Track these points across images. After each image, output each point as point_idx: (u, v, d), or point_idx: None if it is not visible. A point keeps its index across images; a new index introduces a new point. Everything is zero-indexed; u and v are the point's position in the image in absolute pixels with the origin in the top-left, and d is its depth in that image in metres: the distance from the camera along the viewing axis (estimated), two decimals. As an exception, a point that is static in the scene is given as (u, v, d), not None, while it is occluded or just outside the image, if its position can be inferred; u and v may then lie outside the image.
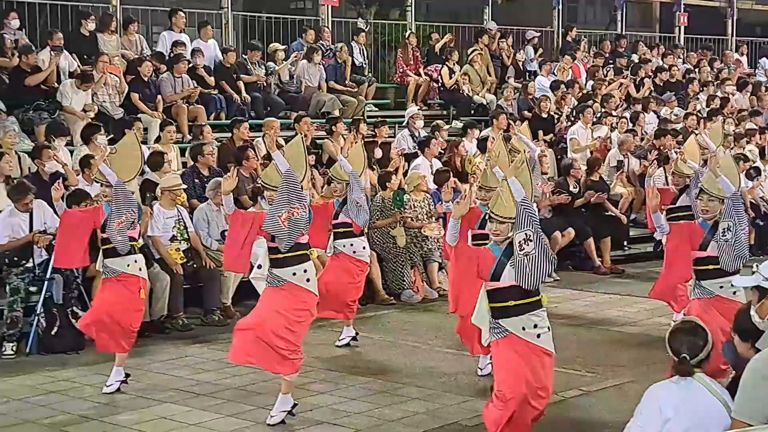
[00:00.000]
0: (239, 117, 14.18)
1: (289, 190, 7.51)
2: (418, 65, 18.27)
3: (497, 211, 6.53)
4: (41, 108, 12.89)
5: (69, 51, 13.62)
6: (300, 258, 7.68)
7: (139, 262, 8.57)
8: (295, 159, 7.77)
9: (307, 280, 7.69)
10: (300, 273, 7.67)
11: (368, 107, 17.05)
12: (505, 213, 6.49)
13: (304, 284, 7.68)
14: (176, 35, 15.43)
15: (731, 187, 7.86)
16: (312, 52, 16.22)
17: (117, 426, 7.62)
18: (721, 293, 7.70)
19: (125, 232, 8.34)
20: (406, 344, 10.24)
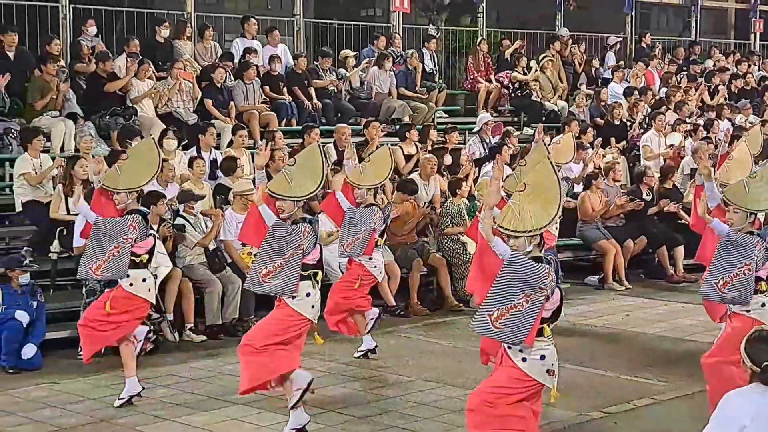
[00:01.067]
0: (310, 123, 14.26)
1: (273, 243, 7.41)
2: (489, 72, 18.22)
3: (507, 225, 6.18)
4: (117, 113, 13.11)
5: (144, 57, 13.82)
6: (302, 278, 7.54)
7: (131, 278, 8.26)
8: (311, 169, 7.64)
9: (292, 297, 7.49)
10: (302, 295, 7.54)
11: (438, 113, 17.04)
12: (517, 227, 6.15)
13: (289, 301, 7.51)
14: (248, 42, 15.59)
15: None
16: (383, 58, 16.27)
17: (190, 427, 7.71)
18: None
19: (119, 261, 8.13)
20: (475, 350, 10.18)
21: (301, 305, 7.50)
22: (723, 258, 7.20)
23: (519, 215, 6.11)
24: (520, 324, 6.03)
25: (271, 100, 14.83)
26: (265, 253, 7.46)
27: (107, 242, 8.14)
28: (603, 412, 8.12)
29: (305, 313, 7.52)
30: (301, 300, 7.49)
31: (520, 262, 6.01)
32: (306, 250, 7.47)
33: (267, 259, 7.44)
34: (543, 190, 6.20)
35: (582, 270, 14.07)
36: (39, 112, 12.65)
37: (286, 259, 7.37)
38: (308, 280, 7.54)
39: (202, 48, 15.12)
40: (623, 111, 17.11)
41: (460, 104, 18.62)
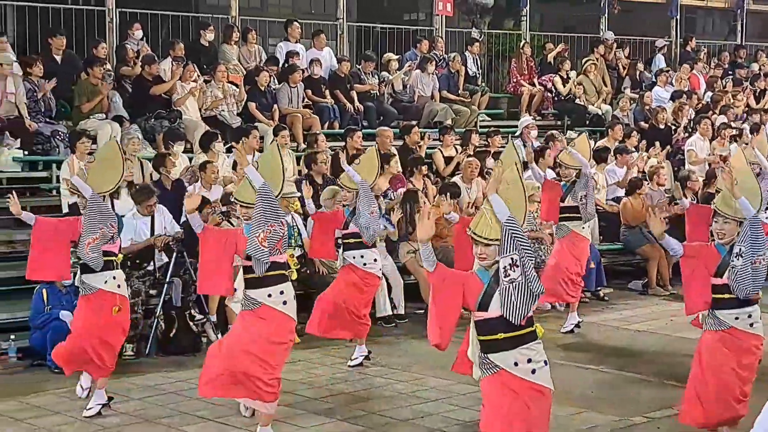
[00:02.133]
0: (352, 126, 14.32)
1: (265, 208, 7.10)
2: (532, 75, 18.17)
3: (480, 232, 5.76)
4: (162, 116, 13.23)
5: (189, 61, 13.93)
6: (276, 278, 7.22)
7: (118, 279, 8.16)
8: (271, 170, 7.36)
9: (283, 302, 7.23)
10: (276, 295, 7.21)
11: (481, 117, 17.02)
12: (489, 234, 5.72)
13: (280, 307, 7.22)
14: (292, 45, 15.67)
15: (750, 209, 6.99)
16: (425, 61, 16.28)
17: (233, 427, 7.76)
18: (737, 325, 6.96)
19: (99, 249, 7.92)
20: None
21: (291, 308, 7.30)
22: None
23: (492, 223, 5.74)
24: None
25: (314, 103, 14.90)
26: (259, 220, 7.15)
27: (99, 221, 7.93)
28: (646, 417, 8.07)
29: (294, 316, 7.36)
30: (290, 303, 7.29)
31: (515, 228, 5.65)
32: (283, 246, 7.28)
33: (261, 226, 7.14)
34: (511, 198, 5.85)
35: (625, 275, 13.98)
36: (85, 115, 12.81)
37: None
38: (288, 280, 7.37)
39: (246, 51, 15.22)
40: (667, 115, 16.99)
41: (503, 108, 18.59)
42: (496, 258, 5.66)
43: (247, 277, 7.22)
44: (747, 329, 6.95)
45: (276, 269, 7.18)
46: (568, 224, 11.03)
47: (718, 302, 6.99)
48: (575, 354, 10.25)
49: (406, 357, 9.97)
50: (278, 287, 7.20)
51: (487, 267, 5.75)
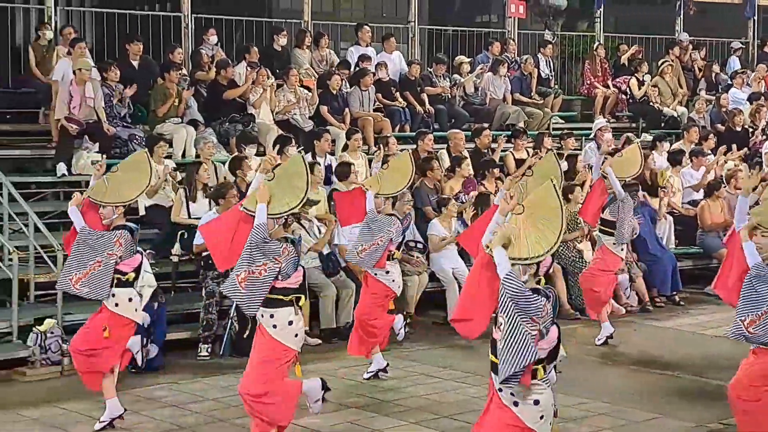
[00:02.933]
0: (423, 129, 14.32)
1: (252, 248, 6.85)
2: (606, 77, 18.00)
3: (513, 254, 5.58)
4: (236, 120, 13.37)
5: (262, 65, 14.06)
6: (272, 302, 6.97)
7: (118, 297, 7.87)
8: (292, 181, 7.09)
9: (273, 326, 6.97)
10: (267, 317, 7.00)
11: (554, 119, 16.90)
12: (511, 253, 5.54)
13: (270, 330, 6.99)
14: (363, 49, 15.72)
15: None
16: (497, 64, 16.22)
17: (306, 428, 7.82)
18: None
19: (94, 281, 7.74)
20: (591, 360, 10.10)
21: (283, 335, 7.00)
22: (750, 293, 6.44)
23: (514, 240, 5.51)
24: None
25: (385, 106, 14.94)
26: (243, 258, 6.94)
27: (91, 255, 7.74)
28: (722, 424, 7.95)
29: (288, 342, 7.02)
30: (283, 329, 6.99)
31: (513, 287, 5.41)
32: (283, 271, 6.96)
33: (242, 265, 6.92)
34: (542, 216, 5.60)
35: (702, 279, 13.77)
36: (161, 119, 12.99)
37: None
38: (290, 306, 7.01)
39: (318, 55, 15.32)
40: (745, 117, 16.70)
41: (577, 110, 18.44)
42: (523, 278, 5.56)
43: None
44: None
45: (275, 293, 6.95)
46: (603, 237, 10.92)
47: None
48: (649, 359, 10.13)
49: (480, 362, 9.91)
50: (270, 310, 6.97)
51: None
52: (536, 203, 5.72)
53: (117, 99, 12.78)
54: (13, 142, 12.93)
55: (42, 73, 13.37)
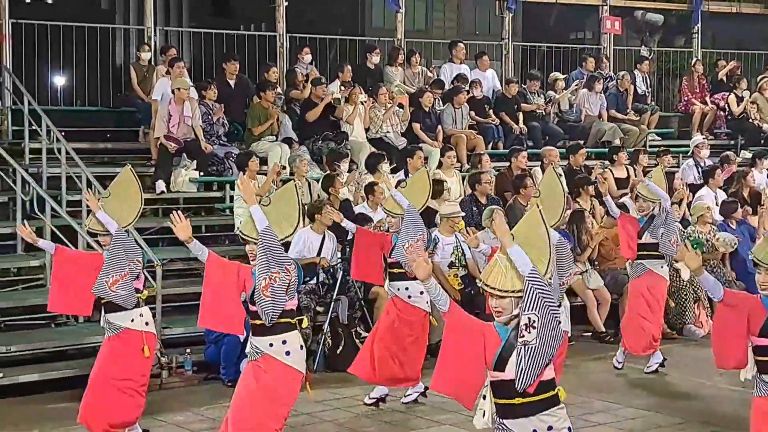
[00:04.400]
0: (517, 146, 14.27)
1: (266, 252, 6.58)
2: (704, 93, 17.71)
3: (493, 283, 5.11)
4: (329, 138, 13.50)
5: (356, 83, 14.18)
6: (281, 327, 6.67)
7: (146, 316, 7.81)
8: (285, 209, 6.91)
9: (286, 353, 6.67)
10: (278, 344, 6.66)
11: (651, 136, 16.68)
12: (504, 285, 5.08)
13: (282, 358, 6.67)
14: (456, 67, 15.75)
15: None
16: (593, 80, 16.10)
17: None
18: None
19: (129, 286, 7.63)
20: (691, 381, 9.91)
21: (296, 359, 6.74)
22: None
23: (506, 272, 5.11)
24: None
25: (478, 123, 14.93)
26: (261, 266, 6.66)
27: (126, 258, 7.62)
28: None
29: (301, 368, 6.80)
30: (296, 353, 6.74)
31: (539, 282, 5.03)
32: (292, 288, 6.70)
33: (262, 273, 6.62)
34: (530, 244, 5.22)
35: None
36: (257, 138, 13.20)
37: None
38: (296, 329, 6.77)
39: (411, 73, 15.39)
40: None
41: (674, 127, 18.18)
42: (514, 312, 5.08)
43: (252, 323, 6.79)
44: None
45: (282, 317, 6.67)
46: (645, 262, 10.07)
47: (764, 365, 5.92)
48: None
49: (574, 378, 9.83)
50: (281, 336, 6.67)
51: (503, 322, 5.11)
52: (523, 232, 5.34)
53: (215, 117, 13.04)
54: (114, 160, 13.27)
55: (143, 92, 13.72)
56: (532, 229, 5.34)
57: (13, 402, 8.82)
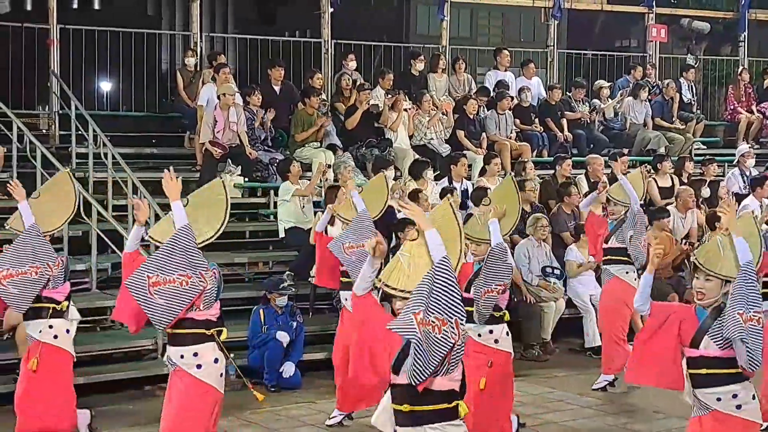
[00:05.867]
0: (562, 154, 14.21)
1: (175, 252, 6.07)
2: (750, 102, 17.53)
3: (393, 283, 4.96)
4: (373, 145, 13.52)
5: (400, 90, 14.19)
6: (193, 337, 6.20)
7: (56, 329, 7.30)
8: (210, 209, 6.43)
9: (197, 366, 6.20)
10: (188, 356, 6.21)
11: (696, 145, 16.55)
12: (407, 286, 4.90)
13: (193, 371, 6.22)
14: (501, 74, 15.72)
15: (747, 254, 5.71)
16: (638, 88, 16.00)
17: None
18: (719, 407, 5.66)
19: (27, 288, 7.10)
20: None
21: (207, 374, 6.26)
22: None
23: (409, 270, 4.90)
24: None
25: (522, 131, 14.89)
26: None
27: (32, 256, 7.12)
28: None
29: (216, 384, 6.33)
30: (208, 368, 6.26)
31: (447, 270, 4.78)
32: (208, 297, 6.24)
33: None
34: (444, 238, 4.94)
35: None
36: (301, 144, 13.25)
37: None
38: (212, 341, 6.28)
39: (456, 80, 15.38)
40: None
41: (719, 136, 18.02)
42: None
43: (170, 331, 6.31)
44: (732, 412, 5.64)
45: (195, 327, 6.19)
46: (610, 268, 9.83)
47: (696, 379, 5.70)
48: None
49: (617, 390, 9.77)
50: (193, 348, 6.20)
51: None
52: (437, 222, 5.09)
53: (258, 123, 13.10)
54: (160, 165, 13.37)
55: (188, 98, 13.81)
56: (445, 226, 5.11)
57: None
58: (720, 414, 5.63)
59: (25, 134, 11.32)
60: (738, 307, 5.52)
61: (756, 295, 5.57)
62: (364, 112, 13.61)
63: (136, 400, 9.35)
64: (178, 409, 6.25)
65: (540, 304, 11.39)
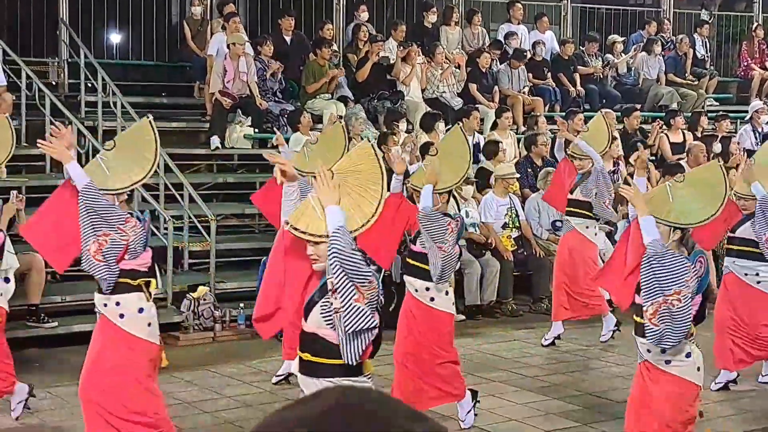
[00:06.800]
0: (574, 108, 14.13)
1: (89, 214, 5.81)
2: (764, 59, 17.39)
3: (302, 227, 4.75)
4: (385, 97, 13.44)
5: (412, 42, 14.08)
6: (120, 286, 6.02)
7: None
8: (131, 155, 6.10)
9: (120, 315, 6.01)
10: (111, 305, 6.02)
11: (709, 101, 16.43)
12: (317, 229, 4.72)
13: (117, 321, 6.02)
14: (514, 27, 15.59)
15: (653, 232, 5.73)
16: (652, 43, 15.86)
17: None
18: (649, 359, 5.82)
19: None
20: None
21: (133, 324, 6.05)
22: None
23: (319, 214, 4.74)
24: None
25: (535, 85, 14.80)
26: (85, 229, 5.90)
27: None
28: None
29: (141, 334, 6.08)
30: (132, 319, 6.05)
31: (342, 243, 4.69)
32: (131, 248, 5.96)
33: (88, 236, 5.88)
34: (358, 182, 4.88)
35: None
36: (312, 95, 13.17)
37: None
38: (138, 291, 6.09)
39: (470, 33, 15.25)
40: None
41: (732, 92, 17.88)
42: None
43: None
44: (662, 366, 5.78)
45: (123, 276, 6.01)
46: (572, 219, 9.65)
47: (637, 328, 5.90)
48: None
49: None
50: (116, 297, 6.02)
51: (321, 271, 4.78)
52: (348, 168, 4.90)
53: (270, 74, 13.01)
54: (169, 115, 13.34)
55: (197, 47, 13.70)
56: (365, 167, 4.92)
57: (69, 351, 8.92)
58: (650, 365, 5.76)
59: (33, 82, 11.27)
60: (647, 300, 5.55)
61: (669, 276, 5.49)
62: (374, 64, 13.51)
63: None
64: (96, 358, 6.08)
65: (549, 257, 11.36)
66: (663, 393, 5.71)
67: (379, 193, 4.92)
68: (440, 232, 6.96)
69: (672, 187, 5.97)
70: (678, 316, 5.45)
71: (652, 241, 5.59)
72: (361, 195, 4.89)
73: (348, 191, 4.85)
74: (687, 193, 5.97)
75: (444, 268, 7.02)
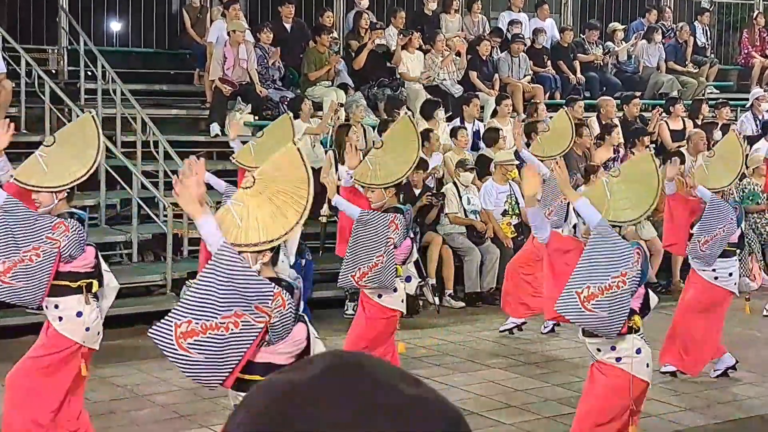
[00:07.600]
0: (574, 96, 14.12)
1: (9, 228, 5.65)
2: (765, 46, 17.37)
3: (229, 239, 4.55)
4: (385, 85, 13.42)
5: (412, 29, 14.05)
6: (56, 289, 5.82)
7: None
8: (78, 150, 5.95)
9: (59, 318, 5.86)
10: (51, 308, 5.87)
11: (709, 89, 16.43)
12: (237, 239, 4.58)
13: (55, 323, 5.87)
14: (514, 15, 15.57)
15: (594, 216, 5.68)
16: (652, 31, 15.84)
17: (448, 386, 7.85)
18: (600, 358, 5.78)
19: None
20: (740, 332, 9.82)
21: (70, 328, 5.88)
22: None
23: (242, 223, 4.57)
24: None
25: (535, 73, 14.78)
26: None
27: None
28: None
29: (74, 337, 5.89)
30: (70, 322, 5.87)
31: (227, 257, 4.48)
32: (66, 252, 5.78)
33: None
34: (283, 189, 4.70)
35: None
36: (312, 83, 13.15)
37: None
38: (78, 293, 5.89)
39: (470, 21, 15.23)
40: None
41: (733, 80, 17.87)
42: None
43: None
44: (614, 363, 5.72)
45: (63, 279, 5.85)
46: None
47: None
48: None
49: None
50: (54, 300, 5.85)
51: None
52: (273, 176, 4.70)
53: (270, 61, 13.00)
54: (169, 102, 13.32)
55: (197, 34, 13.68)
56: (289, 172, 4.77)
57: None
58: (602, 364, 5.72)
59: (33, 69, 11.26)
60: (577, 284, 5.44)
61: (616, 257, 5.44)
62: (371, 51, 13.49)
63: (143, 336, 9.36)
64: (33, 360, 5.93)
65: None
66: (609, 384, 5.69)
67: (304, 199, 4.70)
68: (376, 236, 6.91)
69: (609, 183, 5.88)
70: (618, 300, 5.38)
71: (600, 221, 5.54)
72: (285, 201, 4.66)
73: (270, 197, 4.64)
74: (624, 188, 5.88)
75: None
